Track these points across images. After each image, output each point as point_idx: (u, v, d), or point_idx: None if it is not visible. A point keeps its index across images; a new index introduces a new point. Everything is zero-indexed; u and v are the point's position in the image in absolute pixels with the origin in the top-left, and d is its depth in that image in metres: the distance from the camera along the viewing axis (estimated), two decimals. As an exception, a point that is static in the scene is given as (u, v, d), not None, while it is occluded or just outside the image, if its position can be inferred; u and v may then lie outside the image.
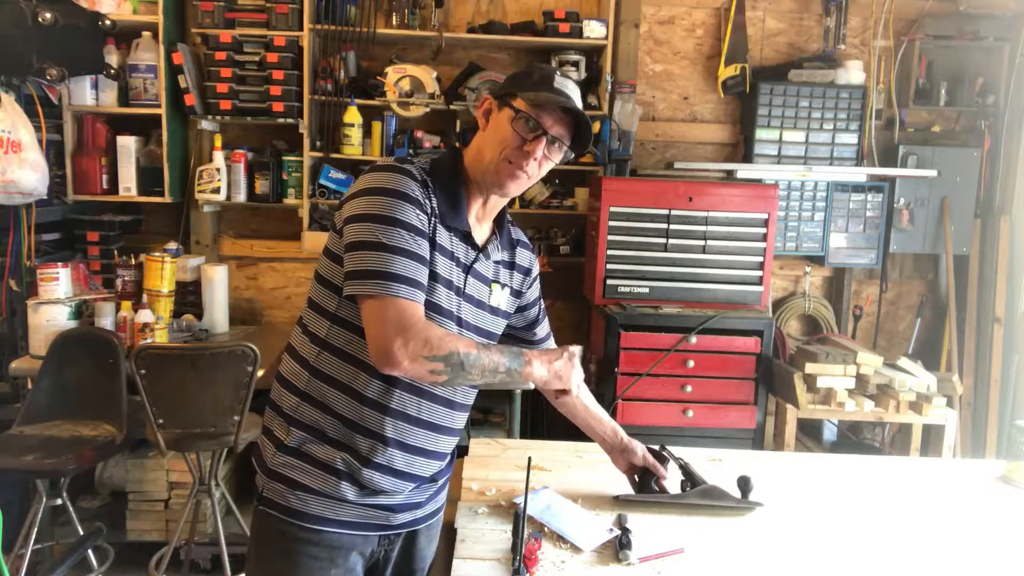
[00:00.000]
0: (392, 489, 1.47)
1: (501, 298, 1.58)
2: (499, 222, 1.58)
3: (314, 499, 1.43)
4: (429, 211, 1.40)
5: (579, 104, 1.44)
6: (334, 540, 1.45)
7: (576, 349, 1.49)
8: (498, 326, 1.60)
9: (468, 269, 1.49)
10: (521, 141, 1.41)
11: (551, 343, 1.81)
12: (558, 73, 1.46)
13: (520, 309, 1.68)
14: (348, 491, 1.44)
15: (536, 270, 1.70)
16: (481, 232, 1.54)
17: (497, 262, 1.57)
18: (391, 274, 1.31)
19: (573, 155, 1.49)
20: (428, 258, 1.38)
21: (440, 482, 1.59)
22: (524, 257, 1.65)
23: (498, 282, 1.57)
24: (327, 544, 1.44)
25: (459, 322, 1.47)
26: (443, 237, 1.43)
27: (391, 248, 1.33)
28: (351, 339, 1.40)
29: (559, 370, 1.45)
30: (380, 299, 1.31)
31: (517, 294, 1.64)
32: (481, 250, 1.51)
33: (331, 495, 1.43)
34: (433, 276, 1.40)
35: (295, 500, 1.43)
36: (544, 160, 1.44)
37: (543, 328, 1.77)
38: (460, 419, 1.56)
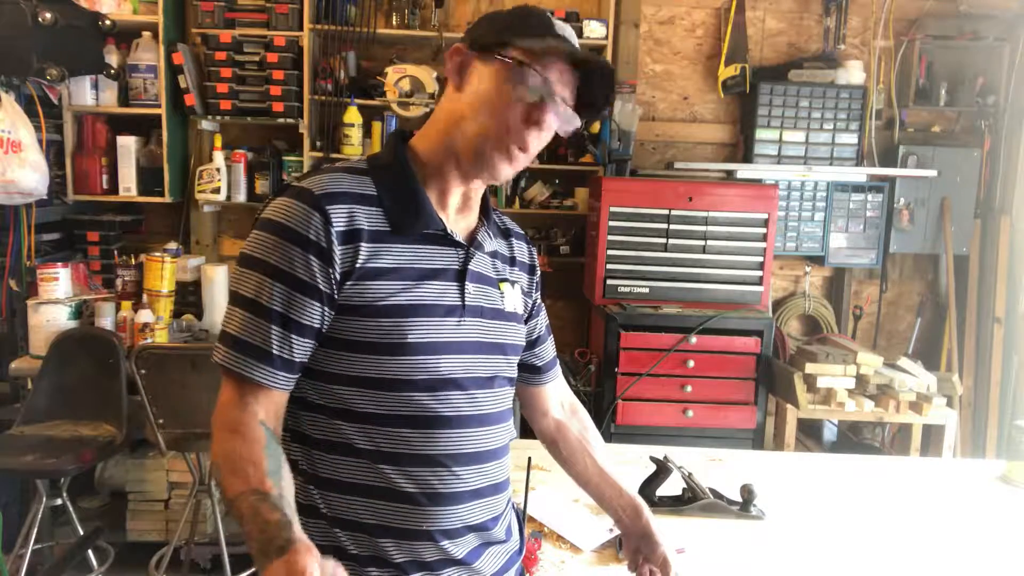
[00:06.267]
0: None
1: (516, 299, 1.23)
2: (483, 206, 1.22)
3: None
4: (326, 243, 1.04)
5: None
6: None
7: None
8: (520, 337, 1.24)
9: (462, 275, 1.13)
10: (523, 107, 1.06)
11: (556, 372, 1.41)
12: (554, 16, 1.12)
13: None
14: None
15: (538, 268, 1.34)
16: (465, 224, 1.18)
17: (493, 255, 1.21)
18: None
19: (581, 123, 1.11)
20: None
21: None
22: (523, 251, 1.30)
23: (506, 280, 1.22)
24: None
25: (461, 348, 1.11)
26: (389, 256, 1.07)
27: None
28: None
29: None
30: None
31: (527, 295, 1.30)
32: (471, 244, 1.15)
33: None
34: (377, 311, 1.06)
35: None
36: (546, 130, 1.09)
37: (548, 350, 1.38)
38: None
